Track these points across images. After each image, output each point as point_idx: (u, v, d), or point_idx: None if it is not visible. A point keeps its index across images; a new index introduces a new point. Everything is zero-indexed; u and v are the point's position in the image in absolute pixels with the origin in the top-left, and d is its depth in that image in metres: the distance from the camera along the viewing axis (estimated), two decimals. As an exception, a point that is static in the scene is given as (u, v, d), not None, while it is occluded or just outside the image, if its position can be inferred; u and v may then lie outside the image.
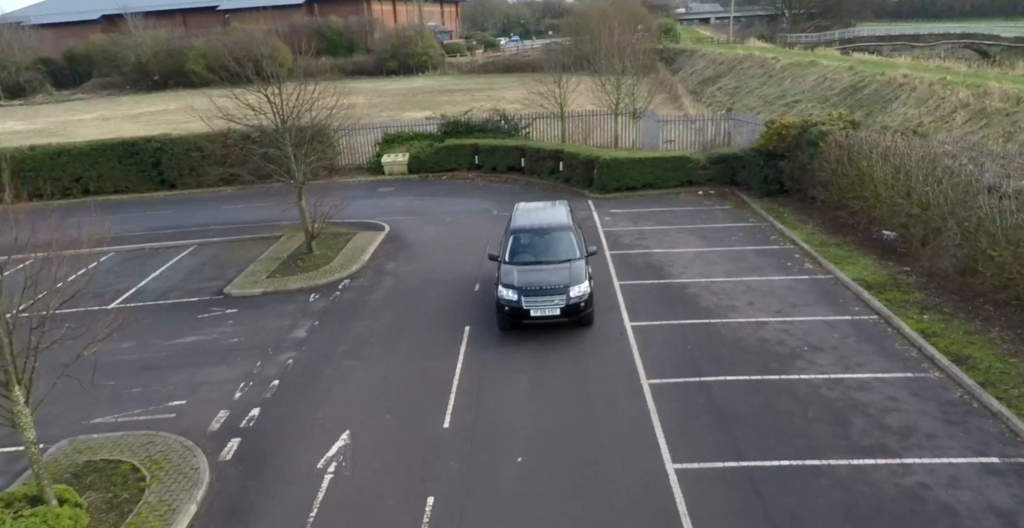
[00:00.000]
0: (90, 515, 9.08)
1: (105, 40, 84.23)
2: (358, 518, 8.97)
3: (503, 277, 13.78)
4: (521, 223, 15.27)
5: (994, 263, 13.46)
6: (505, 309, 13.48)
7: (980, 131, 23.02)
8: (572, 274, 13.56)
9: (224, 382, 12.60)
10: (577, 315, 13.42)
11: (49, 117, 58.23)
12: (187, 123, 39.16)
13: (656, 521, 8.59)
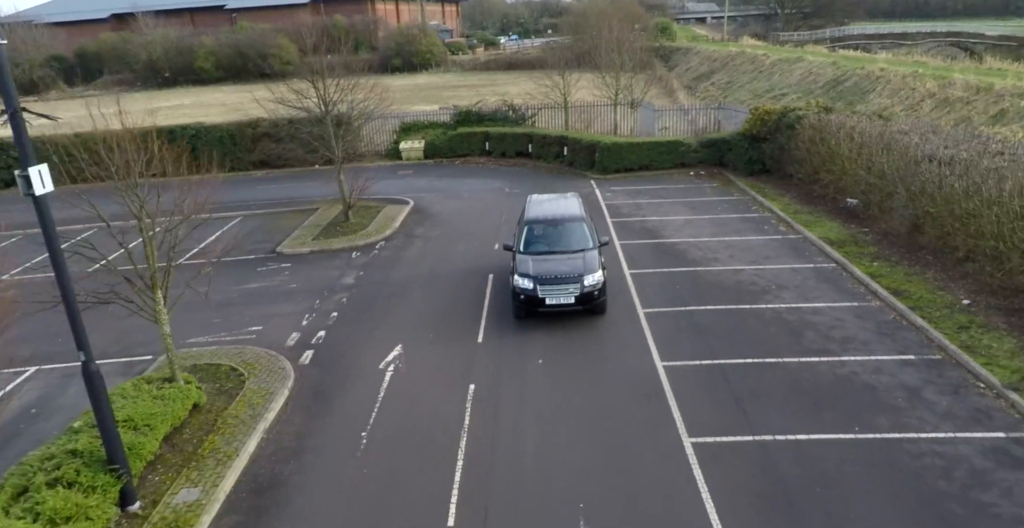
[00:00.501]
0: (206, 397, 11.78)
1: (115, 38, 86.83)
2: (418, 399, 11.68)
3: (518, 266, 14.14)
4: (534, 214, 15.61)
5: (933, 219, 16.22)
6: (520, 297, 13.86)
7: (944, 116, 25.80)
8: (586, 263, 13.95)
9: (291, 314, 15.32)
10: (591, 303, 13.83)
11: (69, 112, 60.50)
12: (205, 117, 41.97)
13: (648, 396, 11.30)
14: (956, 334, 12.54)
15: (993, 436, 9.79)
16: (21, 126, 7.93)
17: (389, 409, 11.42)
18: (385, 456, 10.18)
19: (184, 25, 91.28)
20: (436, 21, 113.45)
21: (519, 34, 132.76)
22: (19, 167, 7.97)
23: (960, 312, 13.39)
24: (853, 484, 8.96)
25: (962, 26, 73.15)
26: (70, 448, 9.24)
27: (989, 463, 9.21)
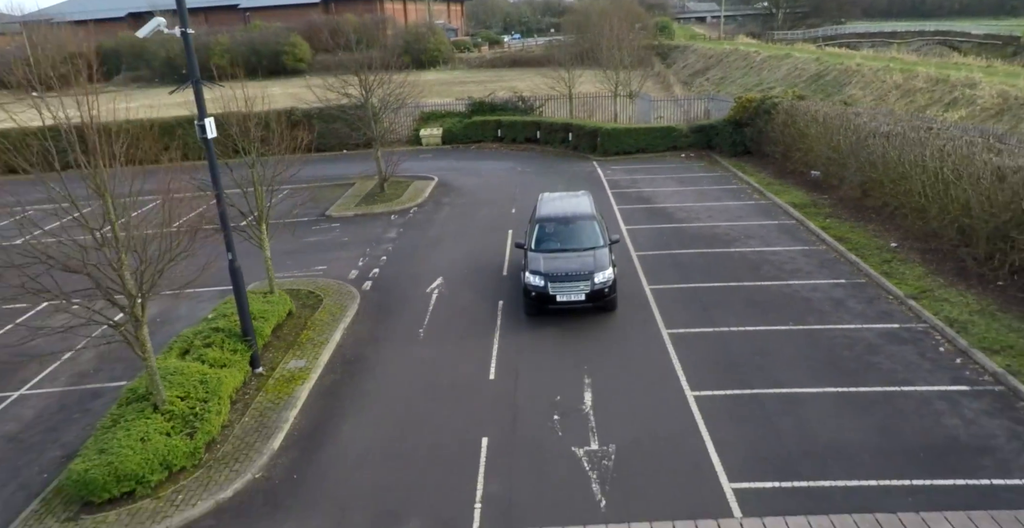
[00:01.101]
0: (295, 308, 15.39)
1: (133, 37, 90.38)
2: (459, 310, 15.27)
3: (530, 264, 14.43)
4: (546, 212, 15.99)
5: (876, 184, 19.81)
6: (532, 294, 14.13)
7: (907, 104, 29.40)
8: (597, 261, 14.25)
9: (348, 258, 18.95)
10: (602, 300, 14.14)
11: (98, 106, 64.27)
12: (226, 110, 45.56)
13: (637, 307, 14.86)
14: (880, 266, 16.14)
15: (889, 326, 13.38)
16: (200, 91, 11.57)
17: (438, 315, 15.04)
18: (438, 341, 13.79)
19: (199, 24, 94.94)
20: (442, 20, 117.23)
21: (521, 33, 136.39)
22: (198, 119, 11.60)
23: (887, 252, 16.98)
24: (781, 354, 12.55)
25: (949, 25, 76.80)
26: (213, 326, 12.85)
27: (881, 341, 12.80)
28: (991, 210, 14.75)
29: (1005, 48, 70.93)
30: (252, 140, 14.52)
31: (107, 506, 9.39)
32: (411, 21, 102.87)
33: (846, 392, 11.20)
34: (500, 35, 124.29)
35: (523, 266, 14.82)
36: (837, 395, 11.15)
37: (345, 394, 12.18)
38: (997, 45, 72.67)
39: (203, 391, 10.79)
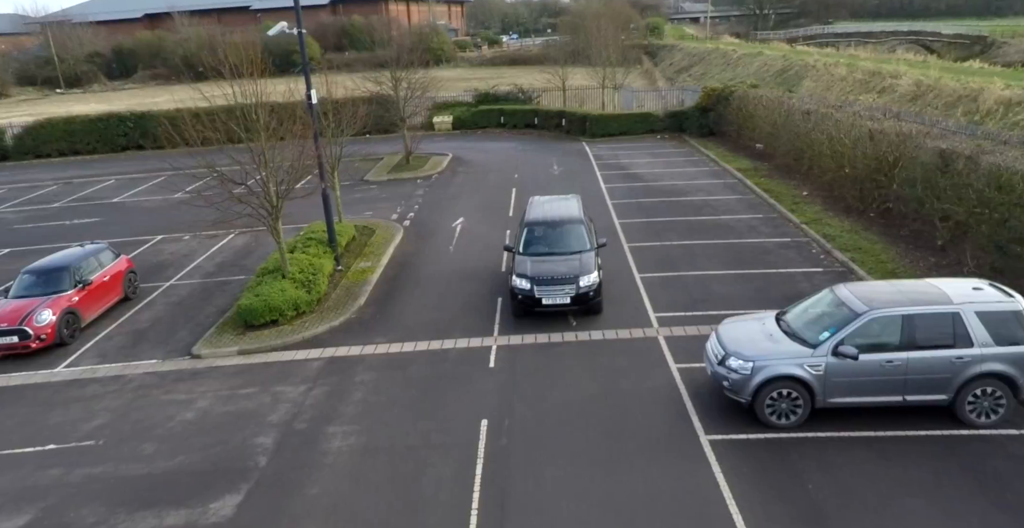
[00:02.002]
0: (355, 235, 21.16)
1: (150, 36, 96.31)
2: (478, 236, 21.05)
3: (517, 267, 14.97)
4: (535, 216, 16.46)
5: (800, 151, 25.62)
6: (519, 297, 14.64)
7: (849, 93, 35.20)
8: (582, 265, 14.75)
9: (388, 207, 24.75)
10: (587, 303, 14.60)
11: (124, 101, 70.05)
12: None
13: (608, 231, 20.55)
14: (790, 206, 21.95)
15: (783, 240, 19.19)
16: (308, 73, 17.35)
17: (462, 239, 20.86)
18: (464, 255, 19.56)
19: (211, 24, 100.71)
20: (443, 21, 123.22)
21: (519, 33, 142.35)
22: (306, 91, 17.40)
23: (799, 198, 22.80)
24: (703, 255, 18.32)
25: (922, 26, 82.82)
26: (307, 238, 18.64)
27: (774, 248, 18.60)
28: (865, 161, 20.56)
29: (972, 47, 76.99)
30: (329, 113, 20.18)
31: (261, 328, 15.15)
32: (414, 22, 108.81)
33: (741, 273, 16.98)
34: (499, 35, 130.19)
35: (510, 269, 15.42)
36: (735, 275, 16.92)
37: (401, 279, 17.97)
38: (965, 44, 78.77)
39: (311, 269, 16.57)
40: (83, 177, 34.83)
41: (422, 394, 12.37)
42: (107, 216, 26.76)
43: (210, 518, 9.51)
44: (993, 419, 10.44)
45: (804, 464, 9.82)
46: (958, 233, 16.45)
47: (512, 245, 16.31)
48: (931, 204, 17.25)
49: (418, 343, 14.36)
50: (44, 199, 30.59)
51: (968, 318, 10.33)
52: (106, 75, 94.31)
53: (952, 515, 8.70)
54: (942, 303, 10.52)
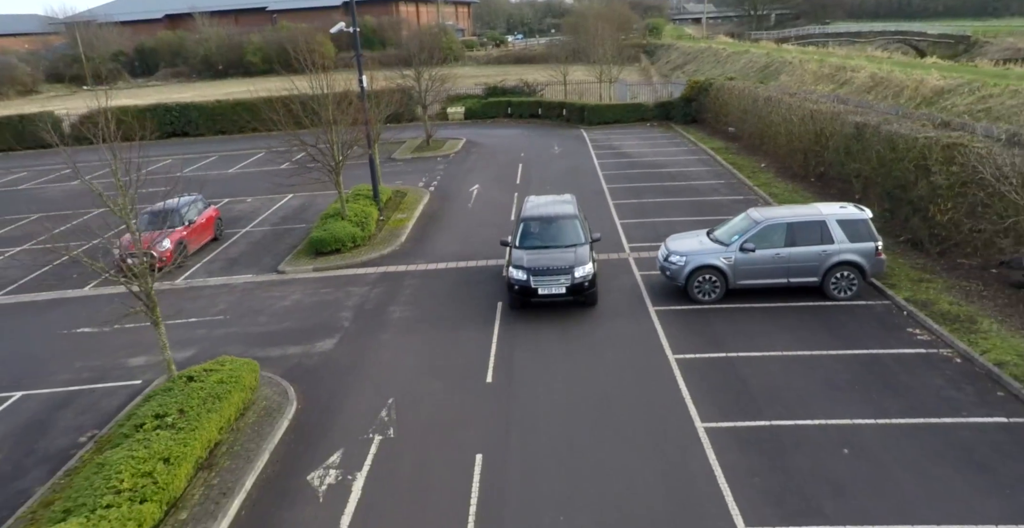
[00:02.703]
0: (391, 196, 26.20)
1: (171, 36, 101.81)
2: (492, 198, 26.07)
3: (513, 260, 15.47)
4: (531, 212, 17.12)
5: (762, 133, 30.57)
6: (515, 288, 15.12)
7: (817, 86, 40.14)
8: (577, 257, 15.29)
9: (414, 179, 29.79)
10: (582, 293, 15.10)
11: (152, 97, 75.31)
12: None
13: (597, 193, 25.58)
14: (748, 175, 26.90)
15: (736, 197, 24.15)
16: (360, 64, 22.40)
17: (478, 200, 25.89)
18: (480, 210, 24.58)
19: (229, 25, 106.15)
20: (450, 21, 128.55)
21: (524, 33, 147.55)
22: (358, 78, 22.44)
23: (757, 169, 27.76)
24: (671, 208, 23.28)
25: (908, 26, 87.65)
26: (355, 194, 23.67)
27: (729, 203, 23.54)
28: (807, 136, 25.51)
29: (957, 46, 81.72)
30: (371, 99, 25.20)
31: (327, 254, 20.17)
32: (423, 22, 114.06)
33: (699, 219, 21.89)
34: (504, 35, 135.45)
35: (507, 263, 16.00)
36: (694, 220, 21.82)
37: (431, 226, 23.04)
38: (950, 43, 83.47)
39: (363, 214, 21.60)
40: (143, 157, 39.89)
41: (453, 290, 17.38)
42: (175, 187, 31.75)
43: (317, 350, 14.53)
44: (849, 295, 15.39)
45: (715, 320, 14.78)
46: (867, 186, 21.39)
47: (508, 240, 16.76)
48: (848, 165, 22.22)
49: (448, 263, 19.39)
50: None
51: (831, 224, 15.29)
52: (129, 73, 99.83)
53: (801, 339, 13.66)
54: (814, 215, 15.50)
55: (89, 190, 12.06)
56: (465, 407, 11.98)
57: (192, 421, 10.19)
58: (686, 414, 11.34)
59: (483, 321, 15.37)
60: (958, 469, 9.59)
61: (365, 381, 13.13)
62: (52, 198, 31.33)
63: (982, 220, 16.12)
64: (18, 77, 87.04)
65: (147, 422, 10.16)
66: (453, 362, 13.66)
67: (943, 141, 17.67)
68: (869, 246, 15.25)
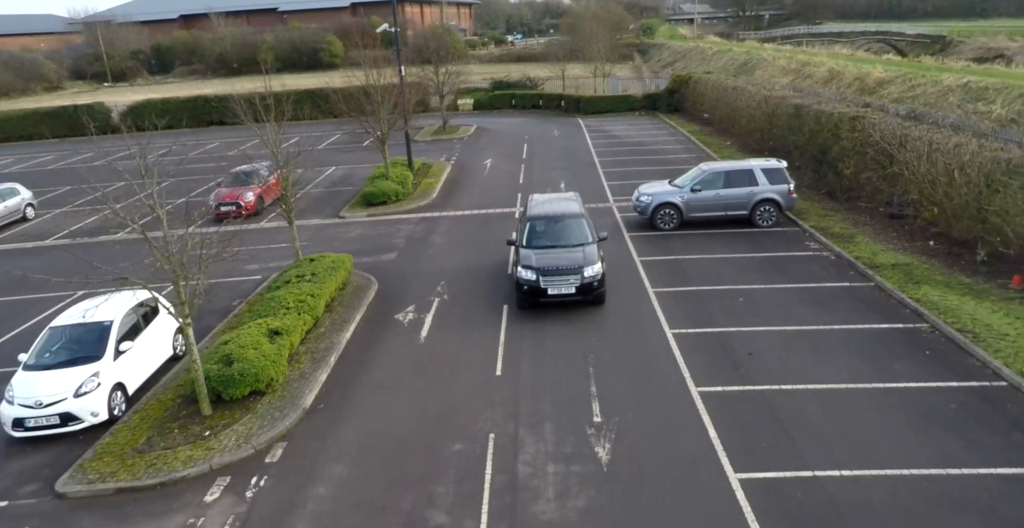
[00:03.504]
0: (419, 168, 32.21)
1: (187, 36, 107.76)
2: (502, 168, 32.06)
3: (522, 260, 15.53)
4: (536, 212, 17.10)
5: (731, 117, 36.59)
6: (524, 288, 15.19)
7: (784, 79, 46.16)
8: (586, 256, 15.40)
9: (436, 154, 35.82)
10: (591, 293, 15.21)
11: (177, 92, 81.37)
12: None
13: (588, 165, 31.56)
14: (715, 150, 32.90)
15: (691, 156, 30.08)
16: (399, 57, 28.39)
17: (491, 170, 31.92)
18: (493, 176, 30.59)
19: (242, 24, 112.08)
20: (453, 21, 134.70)
21: (523, 33, 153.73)
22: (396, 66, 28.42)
23: (723, 146, 33.75)
24: (649, 173, 29.18)
25: (889, 26, 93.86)
26: (393, 163, 29.62)
27: (679, 161, 29.46)
28: (762, 118, 31.51)
29: (933, 45, 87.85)
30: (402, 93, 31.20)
31: (377, 205, 26.13)
32: (427, 23, 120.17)
33: (661, 168, 27.85)
34: (504, 35, 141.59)
35: (514, 262, 16.15)
36: (657, 169, 27.74)
37: (455, 187, 29.03)
38: (926, 43, 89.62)
39: (403, 176, 27.56)
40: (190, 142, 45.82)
41: (476, 226, 23.34)
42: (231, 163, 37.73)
43: (384, 260, 20.46)
44: (770, 223, 21.34)
45: (671, 240, 20.74)
46: (801, 153, 27.37)
47: (515, 240, 16.89)
48: (789, 138, 28.22)
49: (472, 211, 25.35)
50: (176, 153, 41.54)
51: (756, 172, 21.27)
52: (147, 71, 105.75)
53: (728, 248, 19.62)
54: (744, 165, 21.52)
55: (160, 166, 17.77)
56: (493, 286, 17.90)
57: (321, 278, 16.15)
58: (643, 285, 17.27)
59: (502, 237, 21.34)
60: (807, 305, 15.55)
61: (422, 274, 19.09)
62: (132, 170, 37.14)
63: (872, 172, 22.11)
64: (45, 74, 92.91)
65: (292, 279, 16.10)
66: (483, 263, 19.60)
67: (850, 114, 23.70)
68: (784, 187, 21.23)
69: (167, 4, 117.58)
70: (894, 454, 10.16)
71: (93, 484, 10.50)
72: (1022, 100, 26.80)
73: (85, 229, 26.59)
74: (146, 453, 11.09)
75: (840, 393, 11.89)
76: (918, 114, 24.48)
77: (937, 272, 16.82)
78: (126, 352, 12.87)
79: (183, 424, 11.86)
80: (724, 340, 14.13)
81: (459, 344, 14.72)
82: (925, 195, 19.30)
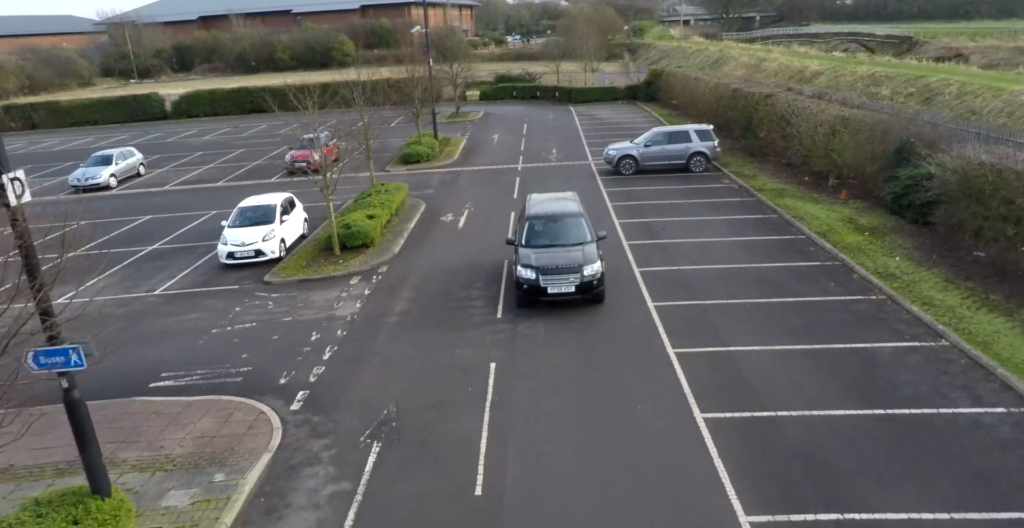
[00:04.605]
0: (440, 140, 41.16)
1: (207, 36, 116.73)
2: (505, 142, 40.98)
3: (521, 259, 16.02)
4: (535, 211, 17.60)
5: (693, 101, 45.53)
6: (524, 287, 15.66)
7: (744, 73, 55.12)
8: (585, 255, 15.89)
9: (454, 133, 44.78)
10: (591, 292, 15.69)
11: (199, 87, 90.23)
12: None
13: (575, 139, 40.45)
14: (676, 126, 41.83)
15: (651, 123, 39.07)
16: (428, 54, 37.32)
17: (498, 143, 40.95)
18: (500, 145, 39.57)
19: (257, 25, 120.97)
20: (455, 23, 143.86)
21: (522, 34, 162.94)
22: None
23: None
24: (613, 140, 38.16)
25: (860, 28, 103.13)
26: (420, 136, 38.51)
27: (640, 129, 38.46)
28: (712, 101, 40.41)
29: (901, 45, 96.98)
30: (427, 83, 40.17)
31: (412, 163, 35.06)
32: (432, 24, 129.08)
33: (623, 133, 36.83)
34: (504, 36, 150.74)
35: (514, 261, 16.39)
36: (632, 147, 36.77)
37: (472, 152, 38.05)
38: (895, 43, 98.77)
39: (431, 144, 36.51)
40: (241, 124, 54.86)
41: (490, 176, 32.21)
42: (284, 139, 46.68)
43: (425, 193, 29.29)
44: (700, 170, 30.26)
45: (629, 181, 29.62)
46: (737, 126, 36.23)
47: (514, 239, 17.20)
48: (728, 114, 37.13)
49: (485, 167, 34.25)
50: (234, 132, 50.52)
51: (691, 132, 30.23)
52: (169, 69, 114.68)
53: (668, 182, 28.51)
54: (683, 128, 30.51)
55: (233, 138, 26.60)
56: (503, 205, 26.71)
57: (391, 193, 25.06)
58: (605, 203, 26.12)
59: (509, 181, 30.23)
60: (707, 208, 24.40)
61: (454, 199, 27.96)
62: (200, 144, 46.09)
63: (776, 133, 31.00)
64: (78, 71, 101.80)
65: (373, 193, 24.94)
66: (495, 194, 28.49)
67: (764, 93, 32.65)
68: (711, 143, 30.12)
69: (186, 6, 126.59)
70: (728, 260, 18.99)
71: (285, 277, 19.35)
72: (904, 85, 35.74)
73: (189, 180, 35.42)
74: (309, 267, 19.93)
75: (710, 243, 20.73)
76: (821, 94, 33.44)
77: (800, 193, 25.71)
78: (284, 221, 21.75)
79: (324, 258, 20.73)
80: (649, 224, 23.01)
81: (483, 229, 23.58)
82: (805, 146, 28.18)
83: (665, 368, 13.26)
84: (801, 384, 12.38)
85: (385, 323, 16.30)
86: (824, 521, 9.01)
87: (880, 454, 10.30)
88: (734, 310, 15.72)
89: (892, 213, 21.84)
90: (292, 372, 14.11)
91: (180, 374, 14.28)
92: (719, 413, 11.63)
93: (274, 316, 17.16)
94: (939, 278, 16.69)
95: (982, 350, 13.02)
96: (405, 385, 13.26)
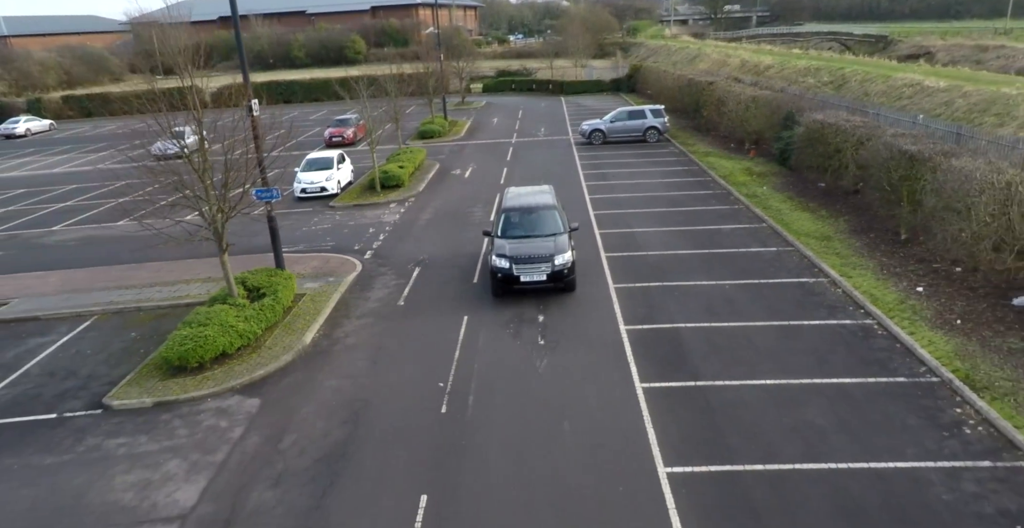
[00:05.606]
0: (449, 122, 50.05)
1: (227, 35, 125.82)
2: (503, 125, 49.90)
3: (496, 249, 16.95)
4: (511, 204, 18.62)
5: (670, 95, 54.32)
6: (498, 276, 16.59)
7: (716, 69, 63.85)
8: (557, 245, 16.85)
9: (460, 117, 53.70)
10: (562, 280, 16.63)
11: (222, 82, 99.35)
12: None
13: (561, 120, 49.27)
14: (647, 111, 50.68)
15: (634, 119, 47.88)
16: (440, 49, 46.27)
17: (498, 123, 49.98)
18: (499, 126, 48.55)
19: (273, 25, 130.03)
20: (460, 23, 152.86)
21: (523, 33, 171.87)
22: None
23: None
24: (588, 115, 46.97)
25: (838, 28, 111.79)
26: (433, 118, 47.39)
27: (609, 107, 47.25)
28: (676, 90, 49.18)
29: (877, 44, 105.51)
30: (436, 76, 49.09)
31: (429, 138, 44.00)
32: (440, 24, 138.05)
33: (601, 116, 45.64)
34: (506, 35, 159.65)
35: (489, 251, 17.74)
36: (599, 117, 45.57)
37: (475, 131, 47.04)
38: (871, 42, 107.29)
39: (442, 123, 45.38)
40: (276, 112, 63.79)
41: (490, 147, 41.12)
42: (315, 122, 55.64)
43: (439, 157, 38.11)
44: (654, 141, 39.15)
45: (598, 149, 38.51)
46: (691, 108, 44.94)
47: (491, 231, 17.98)
48: (684, 100, 45.89)
49: (485, 140, 43.15)
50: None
51: (646, 111, 39.19)
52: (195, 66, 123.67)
53: (628, 150, 37.33)
54: (640, 108, 39.46)
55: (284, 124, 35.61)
56: (499, 165, 35.49)
57: (414, 153, 34.08)
58: (576, 164, 34.89)
59: (504, 150, 39.03)
60: (651, 165, 33.23)
61: (461, 161, 36.86)
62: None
63: (715, 113, 39.76)
64: (110, 67, 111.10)
65: (399, 153, 33.84)
66: (493, 158, 37.35)
67: (708, 81, 41.49)
68: (663, 120, 38.99)
69: (206, 7, 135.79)
70: (650, 190, 27.74)
71: (344, 203, 28.35)
72: (827, 75, 44.47)
73: (246, 153, 44.36)
74: (360, 198, 28.86)
75: (643, 183, 29.49)
76: (759, 83, 42.24)
77: (722, 154, 34.51)
78: (339, 169, 30.73)
79: (369, 193, 29.69)
80: (604, 173, 31.86)
81: (481, 179, 32.45)
82: (732, 121, 36.90)
83: (594, 241, 22.08)
84: (668, 243, 21.22)
85: (416, 224, 25.23)
86: (654, 286, 17.82)
87: (695, 265, 19.16)
88: (643, 215, 24.58)
89: (779, 164, 30.60)
90: (361, 244, 23.01)
91: (292, 248, 23.16)
92: (614, 253, 20.45)
93: (342, 221, 26.13)
94: (785, 197, 25.50)
95: (783, 227, 21.79)
96: (431, 248, 22.18)
